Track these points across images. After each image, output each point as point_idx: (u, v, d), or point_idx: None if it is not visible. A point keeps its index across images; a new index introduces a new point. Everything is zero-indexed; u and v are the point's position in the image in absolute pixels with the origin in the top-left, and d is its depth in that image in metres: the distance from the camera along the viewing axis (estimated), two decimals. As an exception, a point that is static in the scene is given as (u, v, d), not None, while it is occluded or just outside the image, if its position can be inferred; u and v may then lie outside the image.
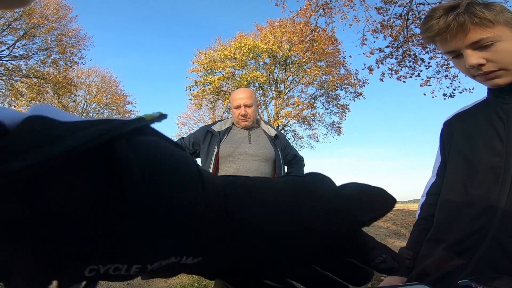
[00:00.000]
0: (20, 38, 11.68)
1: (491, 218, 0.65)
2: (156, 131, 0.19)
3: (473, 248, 0.67)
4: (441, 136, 0.86)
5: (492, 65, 0.66)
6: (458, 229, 0.70)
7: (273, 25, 13.70)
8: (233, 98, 1.80)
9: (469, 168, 0.72)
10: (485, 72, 0.67)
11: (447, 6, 0.69)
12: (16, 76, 11.82)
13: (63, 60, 12.73)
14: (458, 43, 0.67)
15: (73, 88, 14.35)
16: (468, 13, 0.65)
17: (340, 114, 14.47)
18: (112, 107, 17.19)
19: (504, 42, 0.65)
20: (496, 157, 0.68)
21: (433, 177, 0.87)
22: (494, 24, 0.65)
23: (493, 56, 0.66)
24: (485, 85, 0.72)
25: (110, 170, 0.14)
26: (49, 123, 0.14)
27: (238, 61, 13.15)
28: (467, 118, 0.79)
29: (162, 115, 0.19)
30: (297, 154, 1.96)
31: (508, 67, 0.66)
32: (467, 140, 0.75)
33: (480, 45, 0.66)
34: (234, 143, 1.71)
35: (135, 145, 0.15)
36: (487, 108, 0.75)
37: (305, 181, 0.20)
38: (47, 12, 12.29)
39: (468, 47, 0.67)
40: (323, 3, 7.13)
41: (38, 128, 0.13)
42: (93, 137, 0.13)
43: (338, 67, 13.53)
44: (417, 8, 6.68)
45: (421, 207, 0.88)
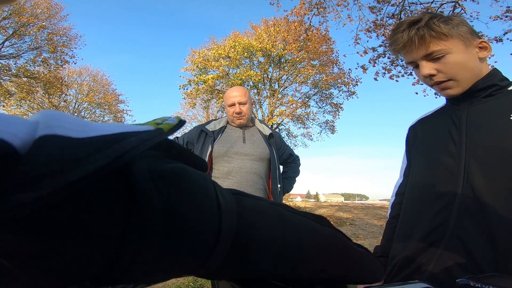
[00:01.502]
0: (9, 37, 11.45)
1: (449, 215, 0.71)
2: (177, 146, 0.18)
3: (436, 243, 0.72)
4: (406, 140, 0.93)
5: (442, 75, 0.73)
6: (422, 225, 0.75)
7: (268, 24, 13.68)
8: (227, 96, 1.77)
9: (428, 169, 0.78)
10: (437, 82, 0.74)
11: (410, 20, 0.75)
12: (5, 76, 11.58)
13: (54, 59, 12.54)
14: (416, 55, 0.74)
15: (64, 87, 14.13)
16: (427, 27, 0.71)
17: (334, 113, 14.54)
18: (104, 107, 16.98)
19: (454, 54, 0.71)
20: (450, 158, 0.74)
21: (401, 178, 0.94)
22: (448, 37, 0.71)
23: (443, 67, 0.72)
24: (442, 95, 0.78)
25: (128, 197, 0.14)
26: (64, 143, 0.12)
27: (232, 60, 13.09)
28: (428, 123, 0.87)
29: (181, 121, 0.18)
30: (293, 153, 1.94)
31: (457, 78, 0.72)
32: (427, 143, 0.82)
33: (433, 57, 0.72)
34: (228, 143, 1.69)
35: (158, 177, 0.15)
36: (444, 114, 0.82)
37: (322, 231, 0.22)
38: (37, 11, 12.07)
39: (423, 59, 0.73)
40: (317, 2, 7.14)
41: (53, 151, 0.12)
42: (111, 161, 0.13)
43: (332, 66, 13.58)
44: (409, 7, 6.73)
45: (392, 206, 0.95)
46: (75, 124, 0.14)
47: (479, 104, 0.74)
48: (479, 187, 0.68)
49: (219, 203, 0.17)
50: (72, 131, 0.13)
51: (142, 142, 0.14)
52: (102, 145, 0.13)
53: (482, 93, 0.73)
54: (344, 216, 9.51)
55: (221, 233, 0.16)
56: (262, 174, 1.69)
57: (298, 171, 1.96)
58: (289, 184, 1.86)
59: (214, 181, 0.18)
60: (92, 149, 0.13)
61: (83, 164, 0.12)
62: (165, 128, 0.17)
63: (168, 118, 0.19)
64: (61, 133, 0.13)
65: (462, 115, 0.75)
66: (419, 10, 6.64)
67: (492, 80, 0.73)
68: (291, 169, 1.93)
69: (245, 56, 13.25)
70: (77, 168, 0.12)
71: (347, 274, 0.24)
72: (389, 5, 7.02)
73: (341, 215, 9.76)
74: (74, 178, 0.11)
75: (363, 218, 8.97)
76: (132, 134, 0.14)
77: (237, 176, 1.63)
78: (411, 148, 0.89)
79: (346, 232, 6.87)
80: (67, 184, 0.11)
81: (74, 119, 0.14)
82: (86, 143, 0.13)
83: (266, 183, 1.72)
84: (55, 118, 0.14)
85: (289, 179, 1.88)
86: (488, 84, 0.72)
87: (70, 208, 0.12)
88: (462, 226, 0.69)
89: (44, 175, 0.11)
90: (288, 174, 1.90)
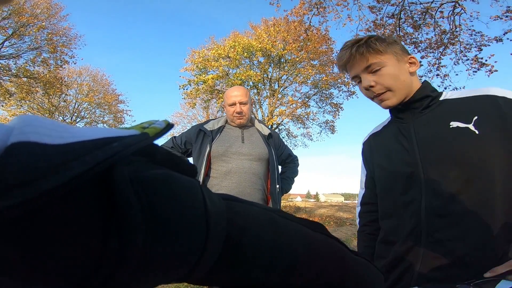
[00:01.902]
0: (9, 37, 11.44)
1: (419, 218, 0.77)
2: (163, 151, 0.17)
3: (417, 246, 0.78)
4: (362, 154, 1.02)
5: (380, 87, 0.82)
6: (400, 231, 0.82)
7: (267, 24, 13.67)
8: (227, 95, 1.76)
9: (391, 180, 0.86)
10: (377, 94, 0.83)
11: (354, 40, 0.86)
12: (5, 76, 11.57)
13: (54, 59, 12.51)
14: (358, 68, 0.84)
15: (64, 87, 14.11)
16: (366, 45, 0.82)
17: (334, 113, 14.52)
18: (104, 107, 16.95)
19: (389, 67, 0.81)
20: (408, 167, 0.81)
21: (363, 189, 1.03)
22: (383, 53, 0.82)
23: (380, 79, 0.81)
24: (382, 107, 0.86)
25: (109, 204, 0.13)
26: (38, 150, 0.12)
27: (232, 60, 13.08)
28: (380, 138, 0.96)
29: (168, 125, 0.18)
30: (291, 154, 1.94)
31: (393, 88, 0.81)
32: (384, 157, 0.90)
33: (372, 70, 0.82)
34: (227, 142, 1.68)
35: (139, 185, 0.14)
36: (392, 128, 0.91)
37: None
38: (37, 11, 12.06)
39: (364, 71, 0.83)
40: (317, 2, 7.13)
41: (25, 160, 0.11)
42: (90, 167, 0.12)
43: (332, 66, 13.56)
44: (409, 7, 6.72)
45: (359, 216, 1.03)
46: (53, 130, 0.13)
47: (420, 116, 0.84)
48: (439, 189, 0.76)
49: (206, 209, 0.17)
50: (49, 137, 0.12)
51: (125, 148, 0.14)
52: (82, 151, 0.12)
53: (419, 104, 0.83)
54: (344, 216, 9.50)
55: (209, 238, 0.16)
56: (261, 174, 1.68)
57: (297, 171, 1.95)
58: (288, 184, 1.86)
59: (204, 187, 0.18)
60: (70, 155, 0.12)
61: (58, 172, 0.11)
62: (151, 132, 0.16)
63: (155, 121, 0.18)
64: (36, 139, 0.12)
65: (410, 128, 0.84)
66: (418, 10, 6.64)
67: (425, 91, 0.83)
68: (289, 169, 1.92)
69: (245, 56, 13.24)
70: (51, 176, 0.11)
71: (343, 282, 0.23)
72: (389, 5, 7.01)
73: (341, 215, 9.75)
74: (47, 187, 0.11)
75: (363, 218, 8.93)
76: (115, 139, 0.14)
77: (236, 176, 1.62)
78: (369, 161, 0.98)
79: (346, 232, 6.86)
80: (39, 193, 0.11)
81: (53, 124, 0.14)
82: (64, 149, 0.12)
83: (264, 183, 1.71)
84: (31, 123, 0.13)
85: (287, 179, 1.87)
86: (422, 95, 0.83)
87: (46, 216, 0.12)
88: (434, 227, 0.75)
89: (15, 185, 0.10)
90: (286, 174, 1.89)
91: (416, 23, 7.07)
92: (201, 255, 0.16)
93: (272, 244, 0.19)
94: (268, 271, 0.19)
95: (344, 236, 6.43)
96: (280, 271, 0.19)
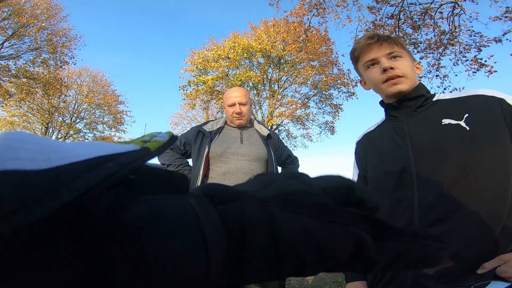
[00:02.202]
0: (8, 38, 11.45)
1: (412, 213, 0.79)
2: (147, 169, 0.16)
3: None
4: (355, 153, 1.05)
5: (398, 70, 0.87)
6: None
7: (267, 24, 13.69)
8: (227, 96, 1.76)
9: (383, 177, 0.88)
10: (393, 75, 0.87)
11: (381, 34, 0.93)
12: (5, 76, 11.57)
13: (53, 60, 12.53)
14: (380, 52, 0.89)
15: (64, 88, 14.13)
16: (393, 37, 0.92)
17: (333, 114, 14.53)
18: (103, 107, 16.96)
19: (407, 59, 0.90)
20: (400, 163, 0.84)
21: None
22: (404, 50, 0.91)
23: (399, 65, 0.88)
24: (389, 92, 0.89)
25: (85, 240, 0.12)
26: (16, 181, 0.11)
27: (232, 61, 13.10)
28: (374, 137, 0.99)
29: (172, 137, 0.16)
30: (291, 154, 1.93)
31: (408, 76, 0.87)
32: (378, 155, 0.93)
33: (392, 56, 0.88)
34: (225, 143, 1.68)
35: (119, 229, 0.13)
36: (386, 127, 0.94)
37: None
38: (37, 12, 12.08)
39: (385, 56, 0.89)
40: (317, 3, 7.14)
41: (4, 191, 0.10)
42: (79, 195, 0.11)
43: (331, 67, 13.59)
44: (408, 8, 6.73)
45: None
46: (38, 152, 0.12)
47: (414, 115, 0.88)
48: (431, 184, 0.77)
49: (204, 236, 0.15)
50: (32, 162, 0.11)
51: (121, 168, 0.12)
52: (71, 176, 0.11)
53: (413, 103, 0.88)
54: (344, 217, 9.47)
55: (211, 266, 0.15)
56: (260, 174, 1.68)
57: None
58: (287, 185, 1.85)
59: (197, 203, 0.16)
60: (56, 182, 0.11)
61: (45, 201, 0.10)
62: (152, 146, 0.15)
63: (157, 134, 0.16)
64: (15, 167, 0.11)
65: (404, 125, 0.88)
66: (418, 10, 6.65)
67: (420, 91, 0.88)
68: (289, 170, 1.91)
69: (244, 57, 13.26)
70: (31, 209, 0.10)
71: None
72: (388, 6, 7.02)
73: (340, 216, 9.72)
74: (23, 221, 0.10)
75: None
76: (109, 158, 0.13)
77: (234, 176, 1.62)
78: (362, 160, 1.00)
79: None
80: (14, 228, 0.10)
81: (39, 144, 0.12)
82: (49, 175, 0.11)
83: (263, 184, 1.70)
84: (11, 147, 0.12)
85: (287, 180, 1.86)
86: (418, 94, 0.88)
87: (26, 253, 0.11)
88: (426, 223, 0.77)
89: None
90: (286, 175, 1.88)
91: (416, 23, 7.08)
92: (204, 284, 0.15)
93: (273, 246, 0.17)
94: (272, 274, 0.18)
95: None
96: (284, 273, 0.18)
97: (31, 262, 0.11)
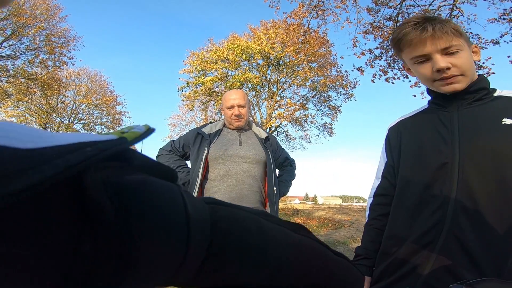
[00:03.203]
0: (7, 38, 11.42)
1: (445, 213, 0.72)
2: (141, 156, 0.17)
3: (433, 243, 0.73)
4: (387, 140, 0.94)
5: (456, 69, 0.75)
6: (417, 226, 0.76)
7: (266, 26, 13.72)
8: (226, 98, 1.77)
9: (420, 170, 0.79)
10: (449, 76, 0.75)
11: (427, 17, 0.78)
12: (3, 77, 11.54)
13: (52, 60, 12.50)
14: (434, 48, 0.75)
15: (62, 88, 14.10)
16: (449, 24, 0.75)
17: (332, 115, 14.56)
18: (102, 108, 16.94)
19: (465, 52, 0.76)
20: (443, 158, 0.75)
21: (378, 179, 0.94)
22: (462, 37, 0.76)
23: (457, 62, 0.75)
24: (442, 91, 0.79)
25: (81, 209, 0.13)
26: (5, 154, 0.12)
27: (231, 62, 13.11)
28: (412, 124, 0.88)
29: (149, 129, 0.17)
30: (288, 157, 1.94)
31: (467, 73, 0.76)
32: (416, 144, 0.83)
33: (449, 51, 0.75)
34: (224, 145, 1.69)
35: (113, 189, 0.14)
36: (430, 115, 0.84)
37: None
38: (36, 12, 12.05)
39: (439, 52, 0.75)
40: (316, 5, 7.16)
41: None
42: (60, 171, 0.12)
43: (330, 69, 13.62)
44: (407, 10, 6.76)
45: (370, 207, 0.94)
46: (25, 135, 0.13)
47: (468, 107, 0.77)
48: (474, 186, 0.70)
49: (187, 214, 0.16)
50: (20, 142, 0.12)
51: (99, 152, 0.13)
52: (53, 155, 0.12)
53: (471, 96, 0.77)
54: (342, 218, 9.51)
55: (191, 244, 0.16)
56: (258, 176, 1.68)
57: (294, 174, 1.95)
58: (285, 187, 1.86)
59: (185, 191, 0.18)
60: (39, 159, 0.12)
61: (28, 174, 0.11)
62: (129, 137, 0.16)
63: (135, 126, 0.18)
64: (4, 143, 0.12)
65: (453, 116, 0.78)
66: (416, 12, 6.67)
67: (482, 84, 0.78)
68: (287, 173, 1.92)
69: (243, 58, 13.27)
70: (19, 178, 0.11)
71: (327, 283, 0.24)
72: (386, 7, 7.05)
73: (339, 217, 9.75)
74: (13, 189, 0.11)
75: (361, 220, 8.95)
76: (89, 144, 0.14)
77: (233, 178, 1.63)
78: (394, 148, 0.90)
79: (344, 234, 6.86)
80: (4, 195, 0.11)
81: (26, 129, 0.14)
82: (34, 153, 0.12)
83: (262, 185, 1.71)
84: (2, 128, 0.13)
85: (285, 182, 1.87)
86: (479, 87, 0.77)
87: (14, 220, 0.12)
88: (458, 226, 0.70)
89: None
90: (284, 177, 1.89)
91: (414, 26, 7.09)
92: (183, 260, 0.16)
93: (257, 246, 0.19)
94: (253, 273, 0.19)
95: (342, 238, 6.43)
96: (266, 273, 0.19)
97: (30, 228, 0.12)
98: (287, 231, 0.22)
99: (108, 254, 0.13)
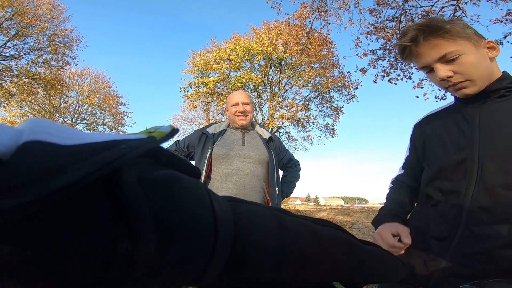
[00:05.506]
0: (11, 38, 11.49)
1: (461, 209, 0.72)
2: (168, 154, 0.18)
3: (450, 237, 0.73)
4: (412, 137, 0.95)
5: (459, 76, 0.73)
6: (435, 221, 0.78)
7: (269, 27, 13.72)
8: (230, 97, 1.80)
9: (440, 166, 0.80)
10: (454, 83, 0.74)
11: (417, 25, 0.76)
12: (6, 77, 11.60)
13: (55, 60, 12.55)
14: (429, 59, 0.75)
15: (65, 88, 14.16)
16: (435, 30, 0.73)
17: (334, 116, 14.52)
18: (104, 108, 16.98)
19: (468, 55, 0.72)
20: (462, 153, 0.75)
21: (401, 170, 1.00)
22: (457, 39, 0.72)
23: (458, 68, 0.73)
24: (457, 95, 0.80)
25: (118, 205, 0.13)
26: (49, 150, 0.12)
27: (233, 63, 13.12)
28: (436, 120, 0.88)
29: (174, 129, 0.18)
30: (292, 158, 1.95)
31: (473, 78, 0.73)
32: (437, 140, 0.83)
33: (447, 59, 0.73)
34: (228, 145, 1.70)
35: (148, 185, 0.14)
36: (454, 112, 0.83)
37: None
38: (40, 12, 12.11)
39: (437, 62, 0.74)
40: (319, 6, 7.16)
41: (37, 157, 0.11)
42: (99, 167, 0.12)
43: (332, 70, 13.60)
44: (409, 10, 6.75)
45: (392, 183, 1.00)
46: (63, 132, 0.13)
47: (491, 103, 0.76)
48: (493, 182, 0.69)
49: (214, 211, 0.17)
50: (59, 138, 0.13)
51: (133, 149, 0.14)
52: (91, 152, 0.12)
53: (494, 94, 0.75)
54: (344, 220, 9.49)
55: (218, 241, 0.16)
56: (261, 176, 1.69)
57: (298, 175, 1.96)
58: (289, 188, 1.86)
59: (209, 189, 0.18)
60: (79, 156, 0.12)
61: (68, 171, 0.11)
62: (157, 136, 0.16)
63: (160, 126, 0.18)
64: (47, 139, 0.12)
65: (474, 112, 0.77)
66: (419, 13, 6.66)
67: (504, 83, 0.75)
68: (290, 174, 1.93)
69: (246, 59, 13.29)
70: (62, 175, 0.11)
71: (357, 274, 0.22)
72: (389, 8, 7.04)
73: (341, 219, 9.73)
74: (58, 185, 0.11)
75: (363, 221, 8.93)
76: (122, 142, 0.14)
77: (236, 178, 1.63)
78: (418, 144, 0.90)
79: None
80: (50, 192, 0.11)
81: (62, 127, 0.14)
82: (74, 150, 0.12)
83: (264, 185, 1.72)
84: (41, 125, 0.13)
85: (288, 183, 1.88)
86: (501, 86, 0.75)
87: (55, 216, 0.12)
88: (475, 221, 0.70)
89: (27, 183, 0.10)
90: (287, 178, 1.90)
91: (417, 27, 7.08)
92: (211, 259, 0.16)
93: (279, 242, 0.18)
94: (276, 269, 0.18)
95: (344, 239, 6.41)
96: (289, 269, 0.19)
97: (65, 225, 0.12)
98: (309, 223, 0.21)
99: (145, 252, 0.13)
